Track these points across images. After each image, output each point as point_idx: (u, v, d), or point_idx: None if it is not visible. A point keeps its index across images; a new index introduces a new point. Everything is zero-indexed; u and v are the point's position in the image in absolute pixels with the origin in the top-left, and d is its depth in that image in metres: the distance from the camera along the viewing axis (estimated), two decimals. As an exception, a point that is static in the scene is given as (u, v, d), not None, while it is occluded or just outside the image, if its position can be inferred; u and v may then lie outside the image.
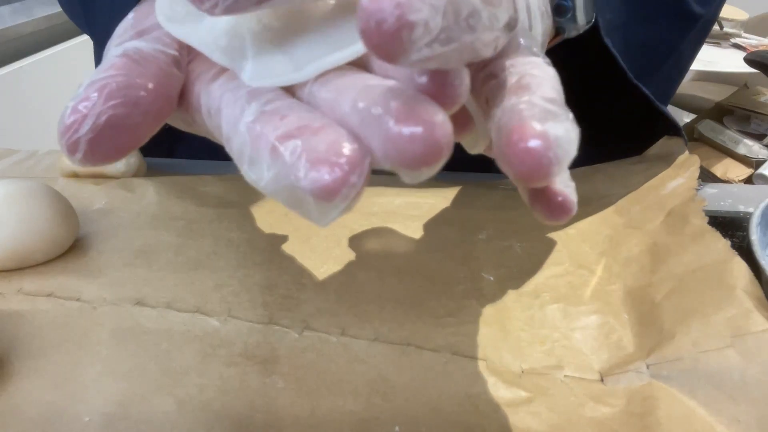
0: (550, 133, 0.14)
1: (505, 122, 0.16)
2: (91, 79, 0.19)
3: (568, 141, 0.15)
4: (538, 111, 0.15)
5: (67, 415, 0.25)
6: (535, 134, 0.14)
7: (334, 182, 0.15)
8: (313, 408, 0.25)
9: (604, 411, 0.24)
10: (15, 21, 1.24)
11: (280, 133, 0.16)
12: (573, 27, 0.31)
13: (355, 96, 0.16)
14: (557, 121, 0.15)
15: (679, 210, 0.34)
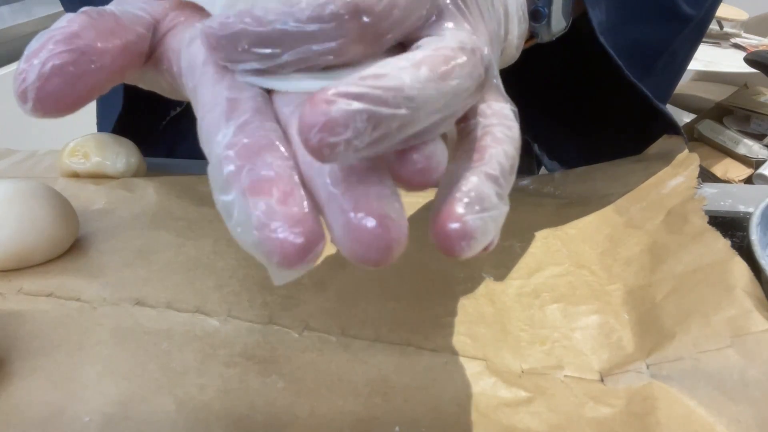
0: (470, 224, 0.17)
1: (445, 187, 0.18)
2: (43, 33, 0.20)
3: (484, 232, 0.17)
4: (474, 196, 0.17)
5: (67, 415, 0.25)
6: (457, 221, 0.17)
7: (298, 254, 0.16)
8: (313, 408, 0.25)
9: (604, 411, 0.24)
10: (15, 21, 1.24)
11: (251, 182, 0.16)
12: (546, 32, 0.32)
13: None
14: (484, 211, 0.17)
15: (678, 209, 0.34)
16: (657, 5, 0.42)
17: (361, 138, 0.15)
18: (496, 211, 0.18)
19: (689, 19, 0.44)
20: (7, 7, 1.37)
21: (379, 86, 0.15)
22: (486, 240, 0.17)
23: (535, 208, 0.39)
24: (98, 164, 0.45)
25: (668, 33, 0.44)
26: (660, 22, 0.43)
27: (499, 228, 0.18)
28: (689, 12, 0.43)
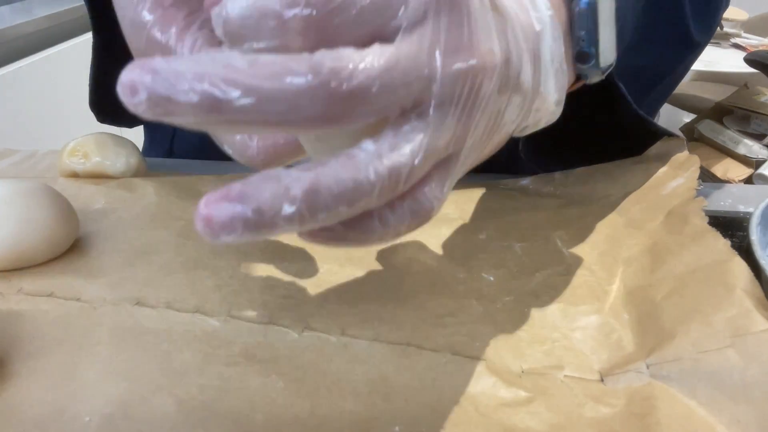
0: (215, 218, 0.18)
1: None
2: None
3: (230, 233, 0.18)
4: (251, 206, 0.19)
5: (67, 415, 0.25)
6: (207, 208, 0.18)
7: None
8: (313, 408, 0.25)
9: (604, 411, 0.24)
10: (15, 21, 1.24)
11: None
12: (596, 73, 0.31)
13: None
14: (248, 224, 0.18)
15: (679, 210, 0.34)
16: (670, 32, 0.42)
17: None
18: (269, 227, 0.18)
19: (698, 46, 0.44)
20: (8, 7, 1.37)
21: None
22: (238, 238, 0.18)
23: (535, 208, 0.39)
24: (98, 164, 0.45)
25: (676, 58, 0.45)
26: (670, 47, 0.43)
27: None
28: (699, 39, 0.43)
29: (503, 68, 0.22)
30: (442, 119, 0.20)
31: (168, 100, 0.17)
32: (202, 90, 0.17)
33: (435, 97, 0.20)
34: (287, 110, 0.17)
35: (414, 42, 0.19)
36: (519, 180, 0.42)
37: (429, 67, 0.19)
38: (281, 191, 0.18)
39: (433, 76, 0.19)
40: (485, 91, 0.21)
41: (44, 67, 1.28)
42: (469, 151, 0.23)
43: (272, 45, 0.18)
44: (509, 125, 0.25)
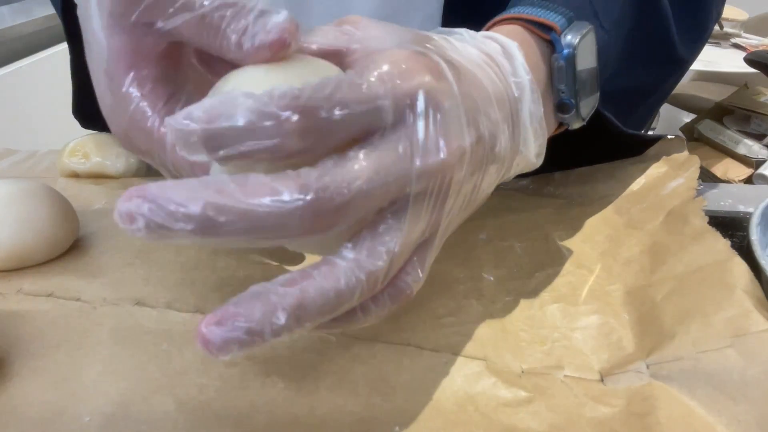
0: (215, 339, 0.20)
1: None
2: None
3: (230, 351, 0.20)
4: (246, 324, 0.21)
5: (67, 415, 0.25)
6: (207, 329, 0.20)
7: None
8: (313, 408, 0.25)
9: (604, 411, 0.24)
10: (15, 21, 1.24)
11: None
12: (576, 120, 0.32)
13: None
14: (247, 340, 0.20)
15: (679, 210, 0.34)
16: (657, 52, 0.42)
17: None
18: (262, 340, 0.20)
19: (684, 62, 0.45)
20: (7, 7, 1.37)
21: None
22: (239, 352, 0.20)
23: (535, 208, 0.39)
24: (98, 164, 0.45)
25: (662, 77, 0.45)
26: (656, 67, 0.43)
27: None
28: (685, 56, 0.44)
29: (474, 153, 0.24)
30: (416, 215, 0.22)
31: (164, 228, 0.18)
32: (196, 218, 0.18)
33: (410, 196, 0.21)
34: (277, 228, 0.19)
35: (392, 147, 0.21)
36: (519, 180, 0.42)
37: (406, 170, 0.21)
38: (270, 310, 0.19)
39: (410, 177, 0.21)
40: (456, 180, 0.23)
41: (44, 67, 1.28)
42: (445, 229, 0.25)
43: (265, 146, 0.19)
44: (487, 190, 0.27)
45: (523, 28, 0.31)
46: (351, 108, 0.20)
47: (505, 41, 0.28)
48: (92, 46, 0.25)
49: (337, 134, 0.20)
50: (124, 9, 0.23)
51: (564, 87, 0.31)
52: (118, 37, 0.24)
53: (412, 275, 0.23)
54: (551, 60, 0.31)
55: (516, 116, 0.27)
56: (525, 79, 0.27)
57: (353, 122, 0.20)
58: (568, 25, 0.31)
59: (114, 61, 0.24)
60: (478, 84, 0.25)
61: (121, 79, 0.24)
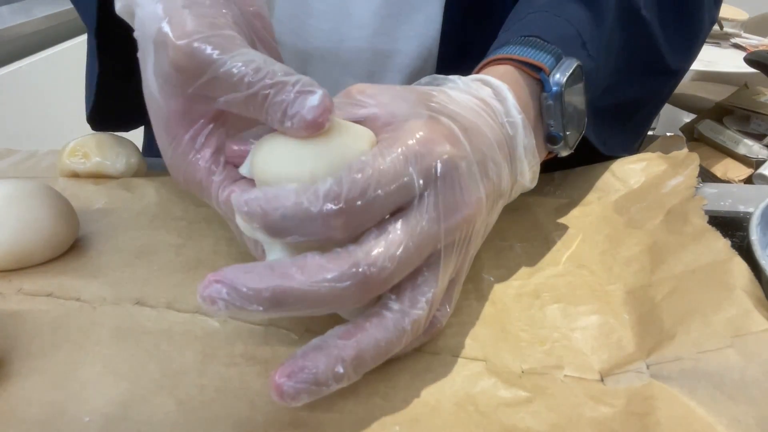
0: (291, 391, 0.23)
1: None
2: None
3: (303, 399, 0.23)
4: (314, 374, 0.23)
5: (67, 415, 0.25)
6: (284, 382, 0.23)
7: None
8: (313, 408, 0.25)
9: (604, 411, 0.24)
10: (15, 21, 1.24)
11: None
12: (564, 149, 0.34)
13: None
14: (314, 388, 0.23)
15: (678, 209, 0.34)
16: (647, 68, 0.44)
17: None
18: (327, 388, 0.23)
19: (676, 74, 0.45)
20: (7, 7, 1.37)
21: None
22: (307, 399, 0.23)
23: (535, 208, 0.39)
24: (98, 164, 0.45)
25: (655, 87, 0.46)
26: (647, 79, 0.45)
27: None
28: (677, 67, 0.45)
29: (489, 197, 0.27)
30: (447, 264, 0.25)
31: (242, 310, 0.22)
32: (266, 301, 0.21)
33: (440, 252, 0.25)
34: (335, 302, 0.22)
35: (422, 214, 0.24)
36: None
37: (436, 233, 0.24)
38: (333, 362, 0.23)
39: (439, 237, 0.24)
40: (478, 227, 0.27)
41: (44, 67, 1.28)
42: (468, 266, 0.29)
43: (314, 237, 0.23)
44: (493, 222, 0.30)
45: (514, 67, 0.33)
46: (385, 189, 0.23)
47: (497, 84, 0.31)
48: (150, 102, 0.28)
49: (374, 214, 0.23)
50: (180, 84, 0.25)
51: (552, 122, 0.33)
52: (174, 103, 0.27)
53: (442, 311, 0.27)
54: (540, 98, 0.33)
55: (513, 152, 0.30)
56: (518, 119, 0.30)
57: (388, 202, 0.23)
58: (556, 63, 0.33)
59: (174, 123, 0.27)
60: (481, 134, 0.28)
61: (180, 138, 0.27)
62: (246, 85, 0.24)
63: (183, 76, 0.25)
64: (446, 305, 0.27)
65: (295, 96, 0.23)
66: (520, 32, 0.34)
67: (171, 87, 0.26)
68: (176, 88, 0.26)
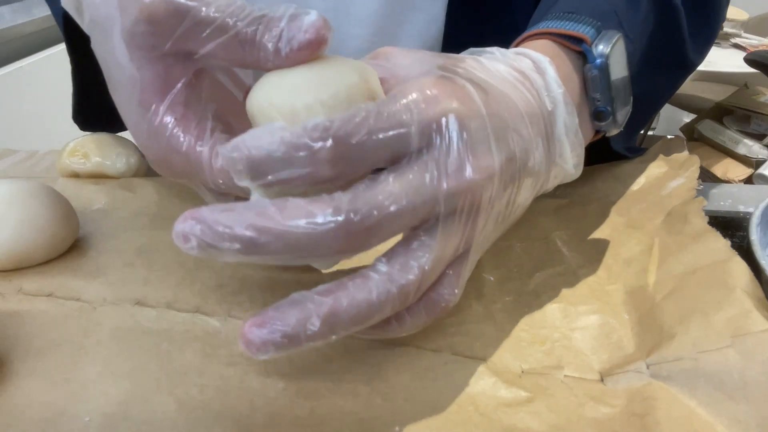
0: (257, 341, 0.22)
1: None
2: None
3: (272, 351, 0.22)
4: (289, 327, 0.22)
5: (67, 415, 0.25)
6: (251, 331, 0.22)
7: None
8: (313, 408, 0.25)
9: (604, 411, 0.24)
10: (15, 21, 1.24)
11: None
12: (614, 127, 0.32)
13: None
14: (285, 342, 0.22)
15: (679, 210, 0.34)
16: (670, 58, 0.42)
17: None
18: (297, 344, 0.21)
19: (693, 67, 0.45)
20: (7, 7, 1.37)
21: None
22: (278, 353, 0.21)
23: (535, 208, 0.39)
24: (98, 164, 0.45)
25: (674, 80, 0.45)
26: (670, 71, 0.44)
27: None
28: (695, 60, 0.44)
29: (505, 170, 0.25)
30: (448, 232, 0.23)
31: (214, 247, 0.20)
32: (240, 239, 0.20)
33: (440, 217, 0.23)
34: (312, 248, 0.21)
35: (420, 170, 0.22)
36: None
37: (433, 192, 0.22)
38: (305, 316, 0.21)
39: (438, 199, 0.22)
40: (486, 198, 0.24)
41: (44, 67, 1.28)
42: (481, 243, 0.26)
43: (300, 174, 0.21)
44: (524, 203, 0.28)
45: (554, 42, 0.31)
46: (378, 135, 0.21)
47: (537, 56, 0.29)
48: (119, 78, 0.26)
49: (366, 161, 0.22)
50: (155, 42, 0.24)
51: (599, 96, 0.31)
52: (148, 69, 0.25)
53: (447, 289, 0.25)
54: (584, 71, 0.31)
55: (550, 130, 0.28)
56: (558, 93, 0.28)
57: (380, 149, 0.21)
58: (597, 35, 0.31)
59: (148, 93, 0.25)
60: (508, 103, 0.25)
61: (157, 109, 0.25)
62: (231, 26, 0.23)
63: (159, 30, 0.24)
64: (455, 282, 0.25)
65: (289, 20, 0.22)
66: (554, 11, 0.33)
67: (144, 51, 0.24)
68: (150, 51, 0.24)
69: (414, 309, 0.24)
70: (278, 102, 0.23)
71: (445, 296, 0.25)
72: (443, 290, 0.25)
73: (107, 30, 0.25)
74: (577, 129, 0.29)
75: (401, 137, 0.22)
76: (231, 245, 0.20)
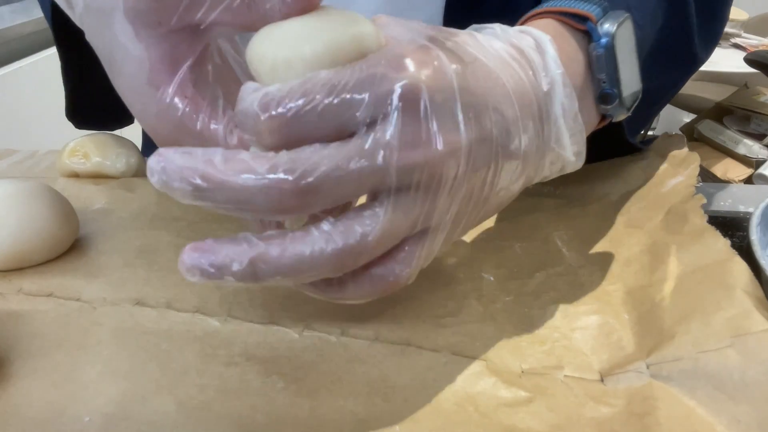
0: (186, 263, 0.23)
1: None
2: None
3: (198, 275, 0.23)
4: (221, 258, 0.23)
5: (67, 415, 0.25)
6: (187, 253, 0.23)
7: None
8: (313, 408, 0.25)
9: (604, 411, 0.24)
10: (15, 21, 1.24)
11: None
12: (621, 111, 0.31)
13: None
14: (215, 271, 0.22)
15: (678, 208, 0.34)
16: (678, 53, 0.41)
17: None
18: (222, 278, 0.22)
19: (701, 62, 0.44)
20: (7, 7, 1.37)
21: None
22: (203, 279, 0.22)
23: (535, 208, 0.39)
24: (98, 164, 0.45)
25: (680, 76, 0.44)
26: (677, 66, 0.43)
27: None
28: (702, 55, 0.43)
29: (476, 149, 0.24)
30: (402, 206, 0.22)
31: (169, 185, 0.21)
32: (188, 182, 0.21)
33: (392, 189, 0.22)
34: (248, 201, 0.21)
35: (371, 139, 0.21)
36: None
37: (384, 161, 0.21)
38: (236, 252, 0.22)
39: (388, 170, 0.22)
40: (449, 175, 0.23)
41: (44, 67, 1.28)
42: (450, 223, 0.25)
43: (249, 138, 0.22)
44: (510, 187, 0.26)
45: (557, 21, 0.30)
46: (320, 103, 0.21)
47: (539, 35, 0.28)
48: (123, 61, 0.25)
49: (309, 129, 0.21)
50: (161, 17, 0.24)
51: (605, 76, 0.30)
52: (156, 48, 0.25)
53: (400, 265, 0.24)
54: (589, 50, 0.30)
55: (545, 112, 0.26)
56: (556, 74, 0.27)
57: (325, 117, 0.21)
58: (603, 14, 0.30)
59: (156, 72, 0.25)
60: (494, 80, 0.24)
61: (166, 89, 0.25)
62: None
63: (163, 5, 0.24)
64: (411, 258, 0.24)
65: None
66: None
67: (150, 29, 0.24)
68: (155, 26, 0.24)
69: (359, 277, 0.24)
70: (262, 54, 0.23)
71: (396, 272, 0.24)
72: (395, 266, 0.24)
73: (107, 13, 0.25)
74: (576, 113, 0.27)
75: (353, 103, 0.21)
76: (182, 185, 0.21)
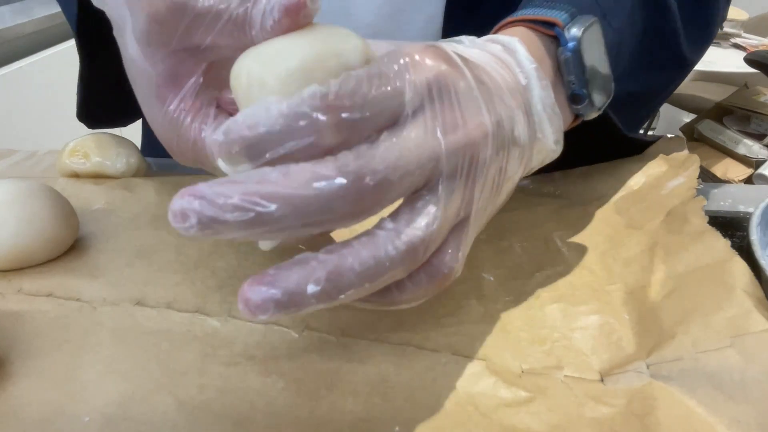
0: (254, 303, 0.21)
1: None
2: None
3: (269, 312, 0.21)
4: (288, 292, 0.21)
5: (67, 415, 0.25)
6: (250, 294, 0.21)
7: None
8: (313, 408, 0.25)
9: (604, 411, 0.24)
10: (15, 21, 1.24)
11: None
12: (591, 110, 0.32)
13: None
14: (283, 305, 0.21)
15: (679, 209, 0.34)
16: (665, 56, 0.42)
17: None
18: (300, 304, 0.20)
19: (690, 64, 0.45)
20: (8, 7, 1.37)
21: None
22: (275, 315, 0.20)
23: (535, 208, 0.39)
24: (98, 164, 0.45)
25: (669, 78, 0.45)
26: (664, 68, 0.44)
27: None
28: (691, 57, 0.44)
29: (496, 132, 0.24)
30: (450, 190, 0.23)
31: (216, 221, 0.19)
32: (245, 209, 0.19)
33: (443, 173, 0.22)
34: (323, 211, 0.20)
35: (418, 127, 0.22)
36: (519, 180, 0.42)
37: (435, 147, 0.22)
38: (308, 273, 0.20)
39: (439, 154, 0.22)
40: (483, 157, 0.24)
41: (44, 67, 1.28)
42: (480, 211, 0.25)
43: (303, 145, 0.20)
44: (514, 176, 0.27)
45: (526, 27, 0.31)
46: (376, 99, 0.21)
47: (506, 39, 0.29)
48: (135, 70, 0.27)
49: (365, 125, 0.21)
50: (163, 39, 0.25)
51: (574, 78, 0.31)
52: (161, 65, 0.26)
53: (449, 255, 0.24)
54: (557, 54, 0.31)
55: (528, 104, 0.27)
56: (530, 68, 0.28)
57: (379, 112, 0.21)
58: (570, 19, 0.31)
59: (163, 88, 0.26)
60: (489, 74, 0.25)
61: (171, 102, 0.26)
62: (224, 10, 0.23)
63: (165, 28, 0.25)
64: (457, 249, 0.24)
65: None
66: (534, 1, 0.33)
67: (154, 48, 0.26)
68: (160, 47, 0.25)
69: (415, 276, 0.24)
70: (238, 71, 0.23)
71: (448, 263, 0.24)
72: (445, 257, 0.24)
73: (121, 27, 0.27)
74: (553, 103, 0.28)
75: (397, 99, 0.22)
76: (235, 216, 0.19)
